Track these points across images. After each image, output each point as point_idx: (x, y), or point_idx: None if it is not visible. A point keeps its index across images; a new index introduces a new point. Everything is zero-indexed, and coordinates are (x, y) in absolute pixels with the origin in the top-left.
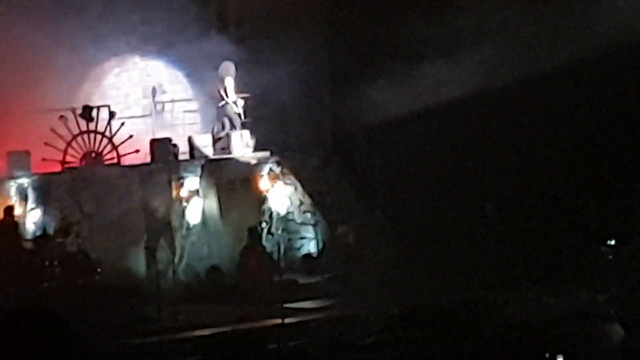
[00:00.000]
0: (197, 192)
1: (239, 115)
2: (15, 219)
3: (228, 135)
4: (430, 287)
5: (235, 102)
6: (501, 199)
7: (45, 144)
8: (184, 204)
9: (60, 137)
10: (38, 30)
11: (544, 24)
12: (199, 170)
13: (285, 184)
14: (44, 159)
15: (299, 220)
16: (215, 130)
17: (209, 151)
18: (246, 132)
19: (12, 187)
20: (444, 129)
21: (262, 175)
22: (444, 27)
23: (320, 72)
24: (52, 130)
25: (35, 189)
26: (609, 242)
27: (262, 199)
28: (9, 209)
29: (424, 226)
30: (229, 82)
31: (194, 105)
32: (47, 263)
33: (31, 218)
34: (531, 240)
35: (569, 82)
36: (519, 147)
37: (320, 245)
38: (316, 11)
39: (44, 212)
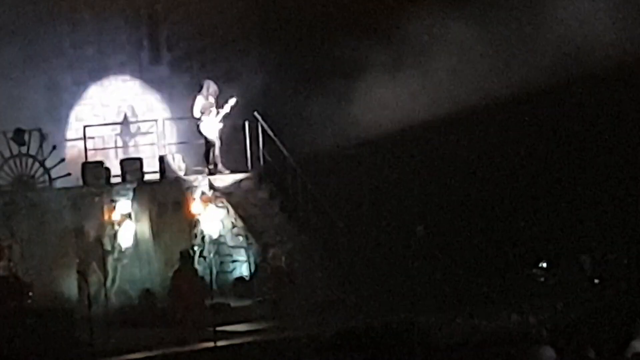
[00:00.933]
0: (129, 215)
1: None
2: None
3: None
4: (361, 310)
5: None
6: (431, 222)
7: None
8: (116, 227)
9: None
10: None
11: (490, 42)
12: (131, 194)
13: (217, 207)
14: None
15: (231, 244)
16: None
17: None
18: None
19: None
20: (374, 152)
21: (194, 198)
22: (379, 47)
23: (252, 94)
24: None
25: None
26: (540, 264)
27: (194, 222)
28: None
29: (355, 249)
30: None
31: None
32: None
33: None
34: (462, 262)
35: (501, 105)
36: (449, 170)
37: (252, 269)
38: (249, 31)
39: None
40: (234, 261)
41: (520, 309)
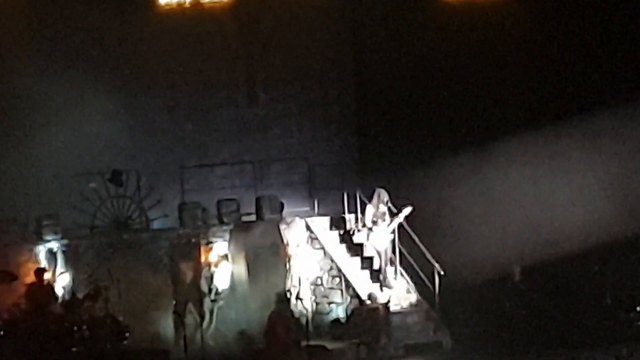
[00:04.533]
0: (225, 256)
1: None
2: (45, 282)
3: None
4: (457, 352)
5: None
6: (529, 265)
7: (75, 207)
8: (213, 268)
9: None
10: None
11: None
12: (227, 235)
13: (314, 248)
14: None
15: (327, 285)
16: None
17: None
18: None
19: (42, 250)
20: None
21: (291, 240)
22: None
23: (347, 137)
24: (82, 194)
25: (64, 252)
26: (638, 308)
27: (290, 264)
28: (39, 273)
29: (451, 292)
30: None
31: None
32: (75, 327)
33: (60, 282)
34: (560, 306)
35: None
36: (544, 210)
37: (349, 311)
38: (343, 74)
39: (73, 276)
40: (330, 303)
41: (618, 353)
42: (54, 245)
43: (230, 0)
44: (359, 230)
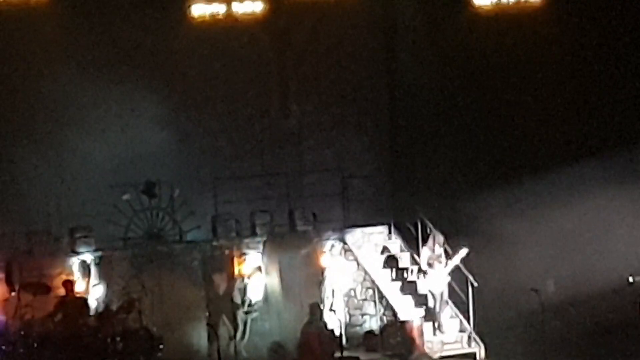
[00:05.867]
0: (259, 268)
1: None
2: (79, 294)
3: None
4: None
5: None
6: (561, 276)
7: (108, 219)
8: (246, 280)
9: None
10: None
11: None
12: (261, 247)
13: (347, 260)
14: None
15: (360, 297)
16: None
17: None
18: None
19: (75, 262)
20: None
21: (324, 252)
22: None
23: (380, 148)
24: (115, 206)
25: (98, 264)
26: None
27: (324, 275)
28: (72, 285)
29: (483, 303)
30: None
31: None
32: (109, 339)
33: (94, 294)
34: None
35: None
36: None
37: (382, 322)
38: (376, 86)
39: (107, 288)
40: (363, 314)
41: None
42: (88, 257)
43: (263, 12)
44: (411, 272)
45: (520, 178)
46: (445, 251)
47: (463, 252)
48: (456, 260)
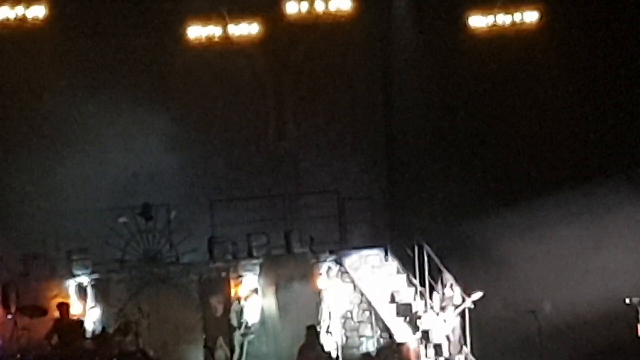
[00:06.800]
0: (255, 290)
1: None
2: (75, 317)
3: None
4: None
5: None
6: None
7: (105, 241)
8: (243, 302)
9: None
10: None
11: None
12: (257, 269)
13: (344, 282)
14: None
15: (357, 319)
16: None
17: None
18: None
19: (72, 285)
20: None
21: (321, 274)
22: None
23: (377, 170)
24: (111, 228)
25: (94, 287)
26: None
27: (320, 298)
28: (69, 308)
29: (480, 327)
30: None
31: None
32: None
33: (91, 316)
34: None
35: None
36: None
37: (379, 344)
38: (373, 107)
39: (104, 311)
40: (360, 336)
41: None
42: (84, 279)
43: (259, 34)
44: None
45: (518, 199)
46: (452, 286)
47: (477, 295)
48: (468, 303)
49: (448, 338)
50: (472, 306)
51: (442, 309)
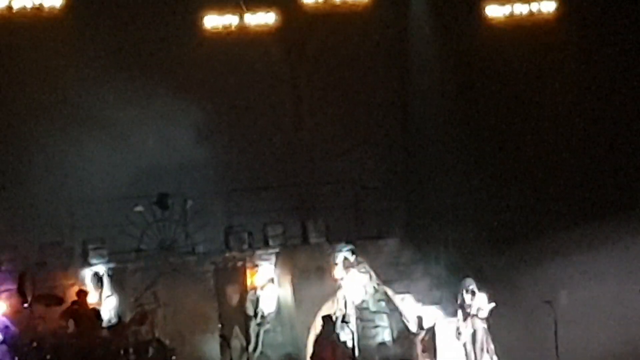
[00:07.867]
0: (271, 280)
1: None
2: (91, 306)
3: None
4: None
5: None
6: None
7: (121, 231)
8: (259, 291)
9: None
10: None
11: None
12: (273, 259)
13: (360, 272)
14: None
15: (373, 309)
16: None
17: None
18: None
19: (88, 274)
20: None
21: (337, 264)
22: None
23: (394, 159)
24: (127, 217)
25: (110, 276)
26: None
27: (336, 287)
28: (85, 297)
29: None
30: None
31: None
32: (122, 351)
33: (107, 305)
34: None
35: None
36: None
37: (395, 334)
38: (389, 97)
39: (120, 300)
40: (376, 326)
41: None
42: (100, 268)
43: (276, 24)
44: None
45: (536, 191)
46: (473, 292)
47: (490, 306)
48: (484, 313)
49: (473, 346)
50: (488, 315)
51: (465, 315)
